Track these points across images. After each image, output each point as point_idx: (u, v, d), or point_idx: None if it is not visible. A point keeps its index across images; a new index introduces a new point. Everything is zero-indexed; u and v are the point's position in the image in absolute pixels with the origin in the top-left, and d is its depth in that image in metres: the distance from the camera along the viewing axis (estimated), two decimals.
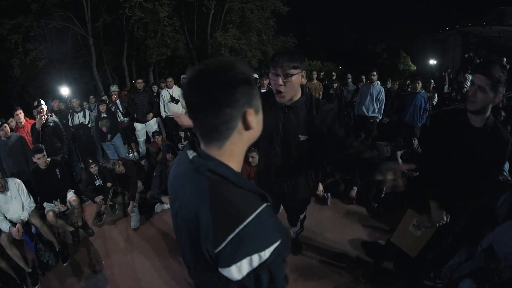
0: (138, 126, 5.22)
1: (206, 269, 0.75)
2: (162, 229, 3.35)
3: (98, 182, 3.69)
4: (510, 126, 4.19)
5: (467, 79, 7.41)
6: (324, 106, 1.63)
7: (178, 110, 5.24)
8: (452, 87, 7.89)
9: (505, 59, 8.00)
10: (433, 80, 7.15)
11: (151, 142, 5.11)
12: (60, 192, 3.35)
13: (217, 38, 14.50)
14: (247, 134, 0.73)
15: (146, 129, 5.27)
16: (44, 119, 3.93)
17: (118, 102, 5.39)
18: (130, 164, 3.99)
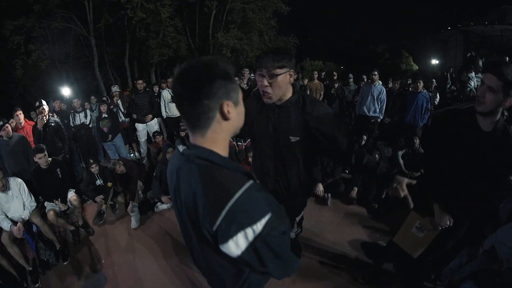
0: (139, 127, 5.23)
1: (210, 252, 0.82)
2: (162, 229, 3.35)
3: (99, 182, 3.70)
4: None
5: (471, 79, 7.37)
6: (320, 108, 1.53)
7: None
8: (455, 86, 7.82)
9: (508, 58, 7.94)
10: (434, 80, 7.10)
11: (152, 142, 5.12)
12: (60, 192, 3.37)
13: (219, 39, 14.49)
14: (226, 124, 0.79)
15: (147, 130, 5.28)
16: (45, 119, 3.94)
17: (119, 102, 5.40)
18: (131, 164, 3.99)
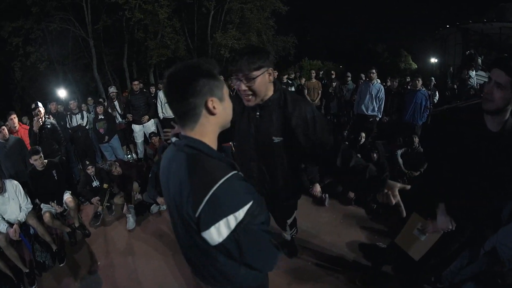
0: (136, 128, 5.21)
1: (194, 241, 0.85)
2: (158, 230, 3.32)
3: (95, 183, 3.68)
4: None
5: (471, 77, 7.32)
6: (301, 106, 1.44)
7: None
8: (455, 84, 7.77)
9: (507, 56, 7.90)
10: (433, 78, 7.07)
11: (149, 143, 5.09)
12: (56, 194, 3.36)
13: (217, 39, 14.46)
14: (213, 118, 0.87)
15: (144, 131, 5.25)
16: (41, 121, 3.93)
17: (116, 103, 5.38)
18: (129, 166, 3.98)
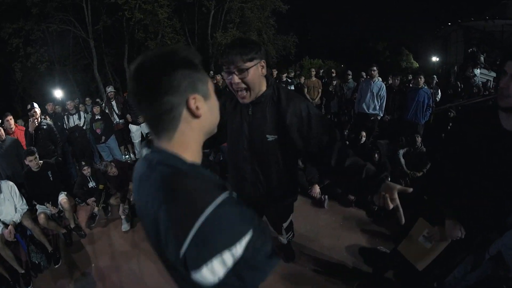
0: (133, 128, 5.18)
1: (182, 279, 0.67)
2: None
3: (91, 184, 3.63)
4: None
5: (476, 75, 7.19)
6: (296, 102, 1.37)
7: None
8: (459, 82, 7.60)
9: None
10: (435, 76, 6.98)
11: None
12: (52, 195, 3.33)
13: (217, 38, 14.44)
14: (197, 123, 0.67)
15: (141, 131, 5.22)
16: (36, 122, 3.90)
17: (113, 103, 5.34)
18: (125, 166, 3.93)
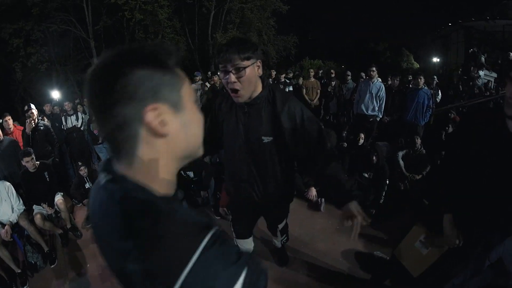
0: None
1: None
2: None
3: (88, 185, 3.63)
4: None
5: (480, 77, 7.10)
6: (291, 104, 1.40)
7: None
8: (464, 84, 7.45)
9: (511, 54, 7.76)
10: (436, 76, 6.95)
11: None
12: (48, 195, 3.33)
13: (218, 39, 14.46)
14: (163, 144, 0.50)
15: None
16: (33, 123, 3.90)
17: None
18: None
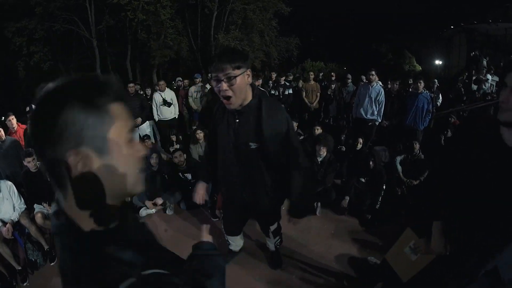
0: None
1: None
2: None
3: None
4: None
5: (488, 80, 7.01)
6: (275, 113, 1.51)
7: (170, 113, 5.42)
8: (464, 87, 7.35)
9: None
10: (437, 80, 6.90)
11: None
12: (49, 194, 3.35)
13: (220, 40, 14.48)
14: (89, 183, 0.50)
15: (139, 133, 5.26)
16: None
17: None
18: None
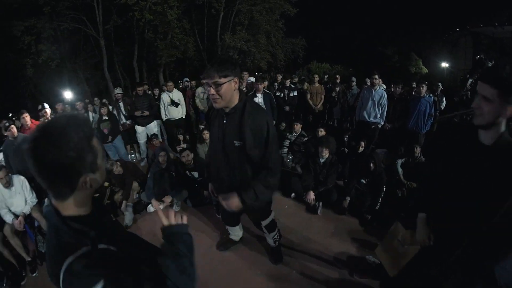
0: (139, 129, 5.33)
1: None
2: (153, 229, 3.36)
3: None
4: None
5: None
6: (255, 116, 1.67)
7: (178, 113, 5.49)
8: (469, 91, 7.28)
9: None
10: (440, 83, 6.85)
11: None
12: None
13: (226, 40, 14.55)
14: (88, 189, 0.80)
15: (147, 132, 5.37)
16: None
17: (121, 104, 5.50)
18: (128, 165, 4.08)
